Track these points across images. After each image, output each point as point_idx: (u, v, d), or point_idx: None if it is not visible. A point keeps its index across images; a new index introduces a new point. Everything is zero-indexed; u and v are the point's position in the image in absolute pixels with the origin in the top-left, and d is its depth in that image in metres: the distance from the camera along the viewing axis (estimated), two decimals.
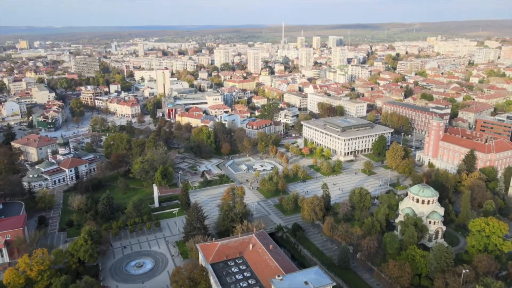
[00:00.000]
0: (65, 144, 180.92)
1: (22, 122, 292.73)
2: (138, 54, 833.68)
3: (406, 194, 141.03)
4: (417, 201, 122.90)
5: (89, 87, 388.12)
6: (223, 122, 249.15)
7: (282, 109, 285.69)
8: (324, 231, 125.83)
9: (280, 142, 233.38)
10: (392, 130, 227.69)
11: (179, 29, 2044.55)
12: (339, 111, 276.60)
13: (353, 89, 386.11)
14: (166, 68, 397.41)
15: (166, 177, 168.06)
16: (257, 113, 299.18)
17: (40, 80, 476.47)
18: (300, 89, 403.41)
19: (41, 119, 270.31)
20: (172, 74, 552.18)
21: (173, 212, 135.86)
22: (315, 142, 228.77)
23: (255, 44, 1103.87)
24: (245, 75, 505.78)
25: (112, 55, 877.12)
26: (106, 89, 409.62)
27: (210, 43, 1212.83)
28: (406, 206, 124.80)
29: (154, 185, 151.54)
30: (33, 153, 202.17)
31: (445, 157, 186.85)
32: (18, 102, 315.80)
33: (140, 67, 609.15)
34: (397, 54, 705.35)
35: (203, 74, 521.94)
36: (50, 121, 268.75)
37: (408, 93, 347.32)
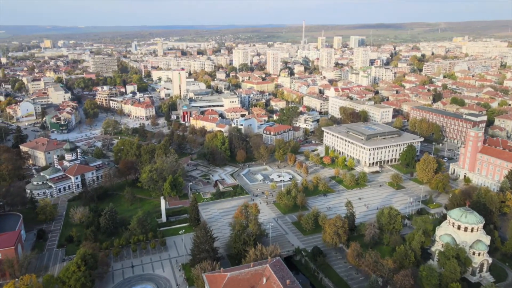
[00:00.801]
0: (72, 149, 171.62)
1: (36, 123, 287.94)
2: (158, 53, 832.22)
3: (443, 217, 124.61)
4: (459, 227, 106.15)
5: (105, 88, 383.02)
6: (239, 127, 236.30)
7: (301, 113, 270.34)
8: (349, 259, 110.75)
9: (299, 149, 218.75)
10: (422, 139, 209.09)
11: (200, 28, 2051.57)
12: (362, 116, 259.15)
13: (377, 92, 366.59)
14: (182, 69, 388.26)
15: (176, 188, 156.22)
16: (275, 117, 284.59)
17: (59, 80, 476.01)
18: (321, 92, 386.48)
19: (53, 120, 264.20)
20: (190, 75, 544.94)
21: (180, 232, 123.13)
22: (337, 150, 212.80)
23: (275, 44, 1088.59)
24: (263, 76, 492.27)
25: (132, 54, 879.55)
26: (123, 90, 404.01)
27: (230, 43, 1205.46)
28: (445, 233, 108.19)
29: (161, 198, 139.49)
30: (41, 158, 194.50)
31: (484, 172, 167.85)
32: (33, 103, 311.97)
33: (158, 67, 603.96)
34: (423, 55, 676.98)
35: (221, 75, 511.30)
36: (62, 122, 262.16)
37: (436, 97, 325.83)
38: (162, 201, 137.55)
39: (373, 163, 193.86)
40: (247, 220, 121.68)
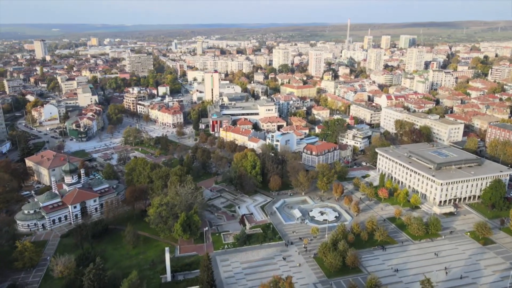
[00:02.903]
0: (73, 171, 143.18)
1: (58, 127, 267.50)
2: (196, 52, 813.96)
3: None
4: None
5: (135, 89, 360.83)
6: (275, 143, 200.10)
7: (349, 127, 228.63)
8: None
9: (347, 174, 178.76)
10: None
11: (241, 27, 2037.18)
12: (425, 134, 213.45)
13: (437, 102, 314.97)
14: (216, 71, 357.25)
15: (190, 229, 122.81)
16: (317, 130, 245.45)
17: (94, 79, 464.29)
18: (370, 99, 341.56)
19: (73, 126, 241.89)
20: (226, 75, 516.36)
21: None
22: (395, 178, 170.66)
23: (317, 43, 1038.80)
24: (305, 78, 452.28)
25: (171, 53, 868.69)
26: (155, 91, 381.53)
27: (271, 41, 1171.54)
28: None
29: (166, 250, 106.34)
30: (45, 175, 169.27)
31: None
32: (58, 105, 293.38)
33: (194, 67, 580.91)
34: (485, 57, 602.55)
35: (258, 76, 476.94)
36: (82, 129, 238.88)
37: None
38: (167, 254, 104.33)
39: (445, 201, 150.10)
40: None
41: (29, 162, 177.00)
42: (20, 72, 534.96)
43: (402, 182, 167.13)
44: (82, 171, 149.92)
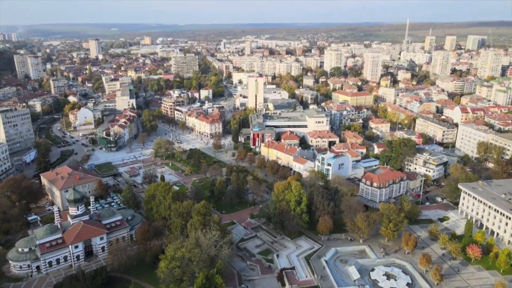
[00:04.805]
0: (78, 200, 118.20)
1: (91, 133, 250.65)
2: (245, 52, 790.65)
3: None
4: None
5: (176, 92, 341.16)
6: (326, 167, 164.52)
7: (419, 149, 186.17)
8: None
9: (419, 215, 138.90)
10: None
11: (292, 26, 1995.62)
12: None
13: None
14: (260, 75, 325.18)
15: None
16: (376, 149, 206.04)
17: (138, 80, 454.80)
18: (438, 110, 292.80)
19: (103, 134, 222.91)
20: (274, 78, 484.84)
21: None
22: (488, 228, 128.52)
23: (372, 44, 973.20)
24: (359, 83, 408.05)
25: (220, 52, 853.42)
26: (197, 94, 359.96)
27: (322, 41, 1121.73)
28: None
29: None
30: (58, 196, 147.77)
31: None
32: (94, 109, 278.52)
33: (240, 68, 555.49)
34: None
35: (308, 80, 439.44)
36: (111, 138, 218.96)
37: None
38: None
39: None
40: None
41: (44, 179, 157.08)
42: (71, 71, 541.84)
43: (498, 234, 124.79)
44: (91, 198, 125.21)
